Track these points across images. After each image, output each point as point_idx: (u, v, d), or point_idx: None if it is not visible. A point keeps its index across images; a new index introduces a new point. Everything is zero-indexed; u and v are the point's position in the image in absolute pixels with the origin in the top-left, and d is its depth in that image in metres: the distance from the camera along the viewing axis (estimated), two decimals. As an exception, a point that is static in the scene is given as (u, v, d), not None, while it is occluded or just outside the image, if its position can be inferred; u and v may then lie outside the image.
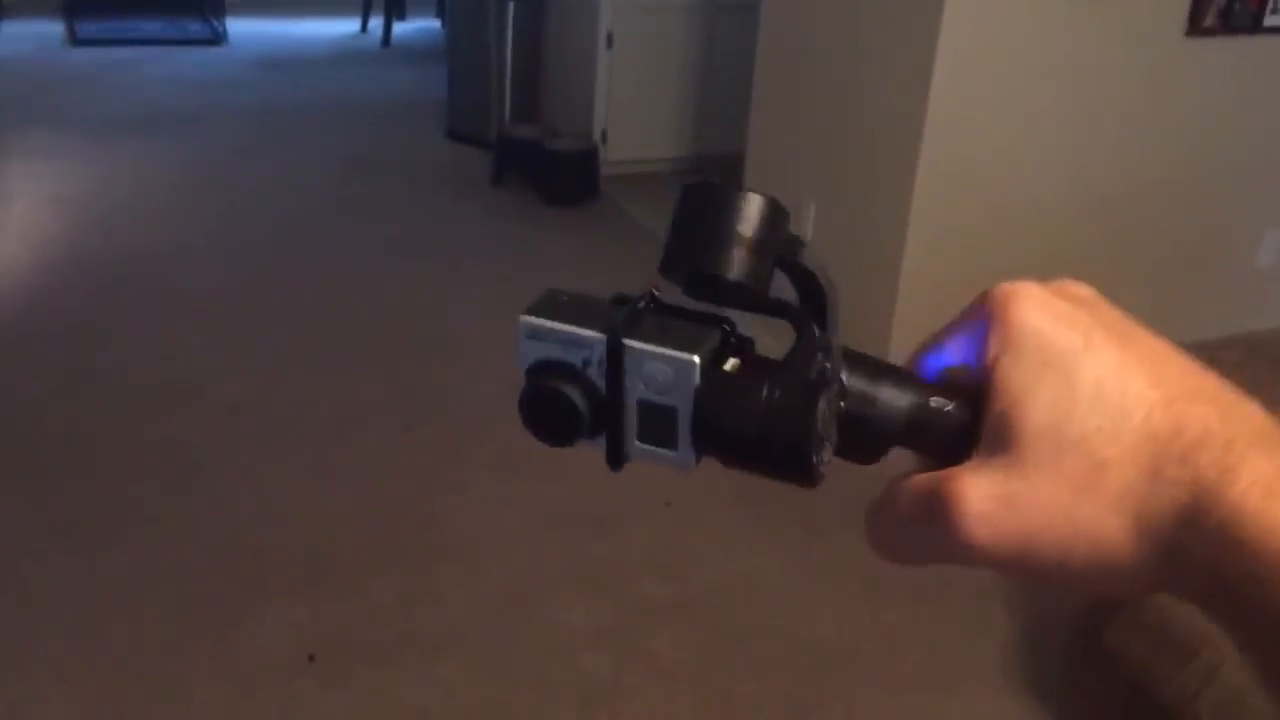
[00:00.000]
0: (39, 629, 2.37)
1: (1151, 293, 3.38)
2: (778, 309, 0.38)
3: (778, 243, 0.37)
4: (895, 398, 0.38)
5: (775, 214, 0.37)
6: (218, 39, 7.91)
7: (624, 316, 0.37)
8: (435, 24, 8.57)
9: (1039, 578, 0.35)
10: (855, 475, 0.42)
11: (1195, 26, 3.04)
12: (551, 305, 0.39)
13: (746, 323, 0.39)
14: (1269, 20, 3.11)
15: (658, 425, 0.37)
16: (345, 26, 8.65)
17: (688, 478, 2.37)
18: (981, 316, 0.37)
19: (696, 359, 0.36)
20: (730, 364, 0.37)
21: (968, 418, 0.37)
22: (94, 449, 3.02)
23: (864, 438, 0.38)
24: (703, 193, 0.37)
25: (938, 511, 0.35)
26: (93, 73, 6.93)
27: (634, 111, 5.40)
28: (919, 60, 2.88)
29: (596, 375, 0.37)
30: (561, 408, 0.37)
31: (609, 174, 5.25)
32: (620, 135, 5.40)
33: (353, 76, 7.37)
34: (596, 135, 5.34)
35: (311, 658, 2.32)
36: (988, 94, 2.94)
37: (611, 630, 2.47)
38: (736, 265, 0.36)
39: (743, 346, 0.38)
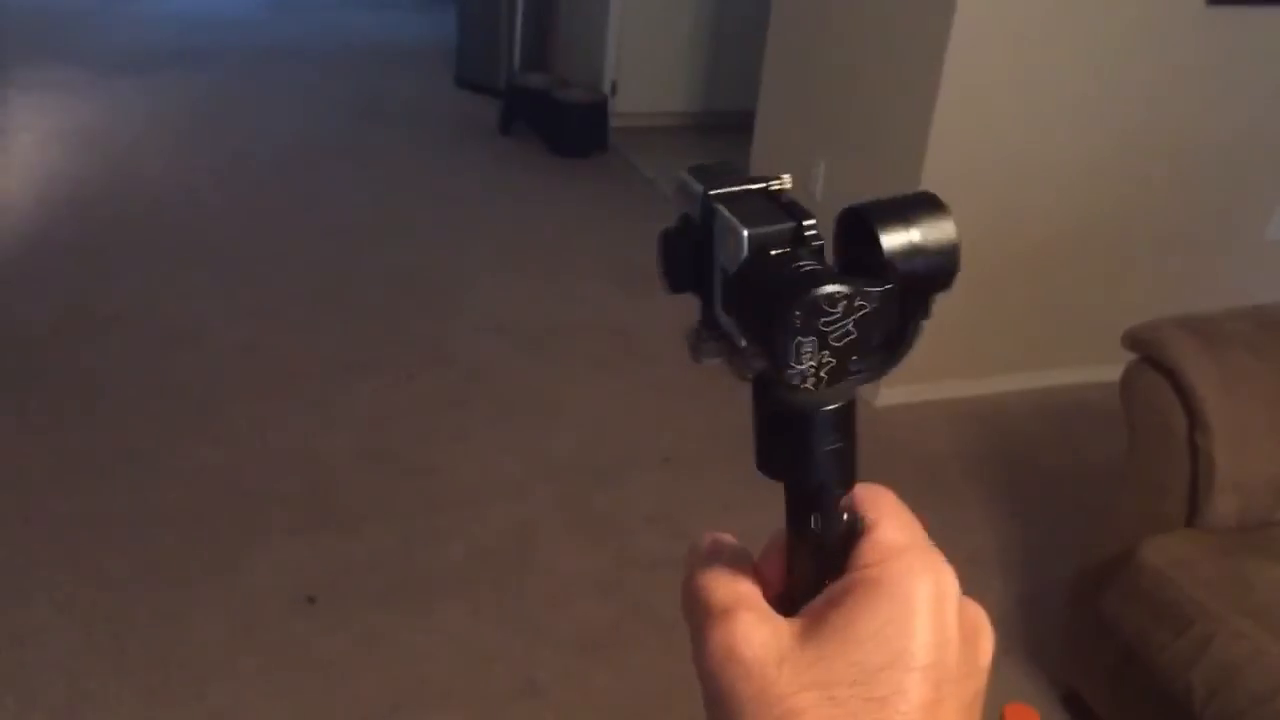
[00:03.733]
0: (40, 561, 2.38)
1: (1161, 261, 3.37)
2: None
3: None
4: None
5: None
6: (225, -24, 7.81)
7: (730, 186, 0.39)
8: (445, -32, 8.47)
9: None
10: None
11: (1217, -5, 3.00)
12: (704, 169, 0.40)
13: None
14: (1292, -9, 3.06)
15: (728, 293, 0.39)
16: (354, -32, 8.54)
17: (687, 434, 2.33)
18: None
19: (747, 231, 0.37)
20: (780, 251, 0.37)
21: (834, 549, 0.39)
22: (96, 385, 3.03)
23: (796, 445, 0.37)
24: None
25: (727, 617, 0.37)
26: (99, 6, 6.86)
27: (645, 64, 5.35)
28: (935, 21, 2.85)
29: (700, 230, 0.39)
30: (667, 251, 0.40)
31: (618, 126, 5.20)
32: (630, 87, 5.35)
33: (361, 19, 7.29)
34: (606, 86, 5.29)
35: (311, 599, 2.34)
36: (1003, 57, 2.91)
37: (610, 582, 2.49)
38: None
39: (810, 246, 0.38)
